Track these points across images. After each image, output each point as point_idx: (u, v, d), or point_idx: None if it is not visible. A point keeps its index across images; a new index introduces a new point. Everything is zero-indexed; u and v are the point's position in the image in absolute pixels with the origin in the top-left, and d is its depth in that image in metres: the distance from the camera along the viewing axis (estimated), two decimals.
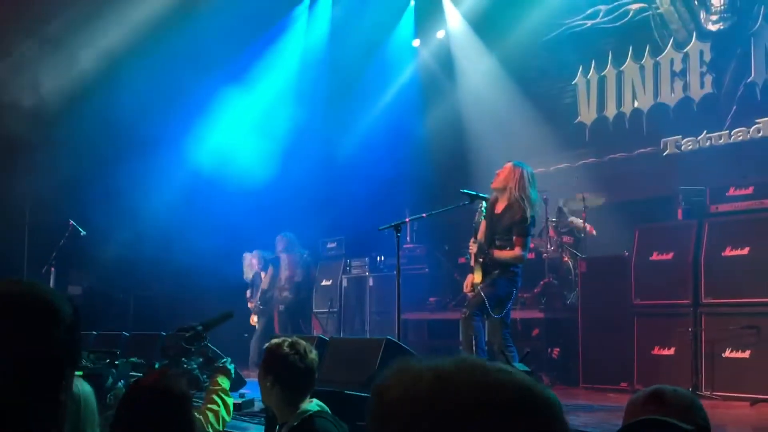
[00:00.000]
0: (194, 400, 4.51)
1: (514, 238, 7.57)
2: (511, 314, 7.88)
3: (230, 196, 12.24)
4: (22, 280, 1.79)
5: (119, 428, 2.72)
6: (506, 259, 7.58)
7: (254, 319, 12.36)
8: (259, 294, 12.30)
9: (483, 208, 7.83)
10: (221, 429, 4.24)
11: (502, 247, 7.63)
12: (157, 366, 4.64)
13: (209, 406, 4.29)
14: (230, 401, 4.39)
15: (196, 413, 4.16)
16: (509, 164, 7.85)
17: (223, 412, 4.28)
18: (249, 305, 12.44)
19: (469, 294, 7.79)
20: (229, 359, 4.60)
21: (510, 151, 12.25)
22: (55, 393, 1.70)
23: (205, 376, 4.54)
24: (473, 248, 7.78)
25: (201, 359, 4.58)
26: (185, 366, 4.43)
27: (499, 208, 7.77)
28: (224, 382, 4.44)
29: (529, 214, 7.57)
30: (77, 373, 1.93)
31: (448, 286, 11.66)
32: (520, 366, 4.49)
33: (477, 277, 7.69)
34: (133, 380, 4.01)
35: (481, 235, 7.84)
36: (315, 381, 3.95)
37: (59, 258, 10.85)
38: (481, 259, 7.70)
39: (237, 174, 12.23)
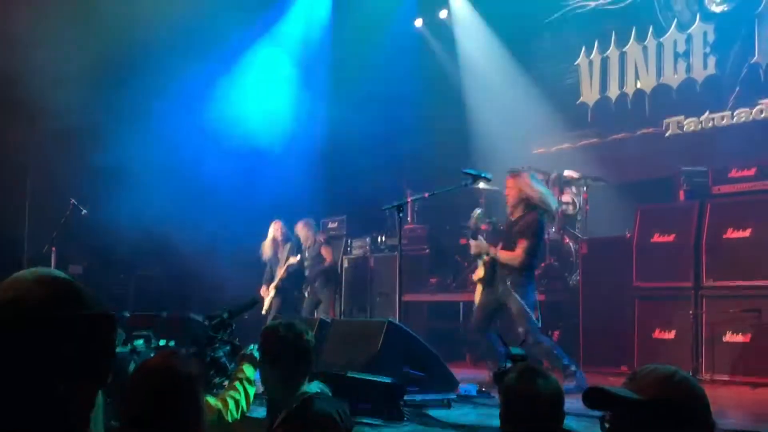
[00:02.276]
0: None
1: (518, 240, 7.54)
2: None
3: (231, 178, 12.20)
4: (53, 272, 1.70)
5: (126, 410, 2.71)
6: (505, 259, 7.55)
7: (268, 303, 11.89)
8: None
9: (479, 215, 7.88)
10: (239, 417, 4.22)
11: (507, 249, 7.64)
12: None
13: (230, 393, 4.27)
14: (252, 390, 4.38)
15: (217, 399, 4.16)
16: (510, 178, 7.88)
17: (242, 401, 4.27)
18: (265, 290, 11.96)
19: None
20: (256, 346, 4.58)
21: (512, 132, 12.26)
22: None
23: (233, 365, 4.53)
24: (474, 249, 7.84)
25: (228, 347, 4.57)
26: (212, 354, 4.42)
27: (515, 215, 7.75)
28: (249, 370, 4.42)
29: (540, 217, 7.61)
30: None
31: (449, 267, 11.64)
32: (516, 350, 4.46)
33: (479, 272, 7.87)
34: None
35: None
36: (313, 362, 3.95)
37: (60, 237, 10.84)
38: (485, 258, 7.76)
39: (238, 155, 12.20)
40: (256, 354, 4.53)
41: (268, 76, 13.33)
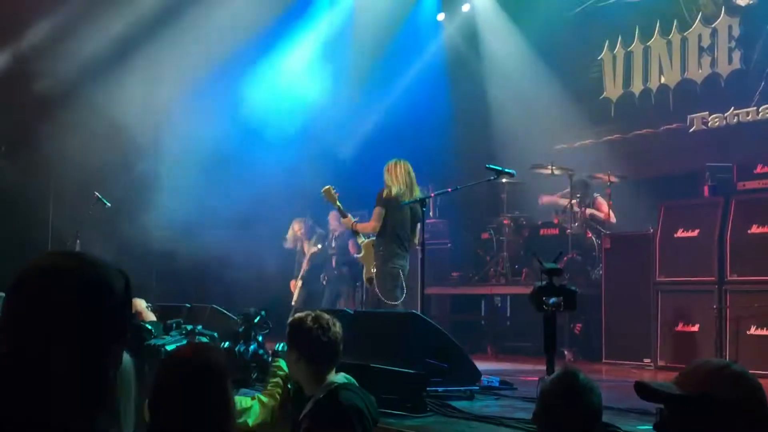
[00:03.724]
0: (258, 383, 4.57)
1: None
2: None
3: (252, 173, 12.22)
4: (75, 252, 1.80)
5: (155, 400, 2.74)
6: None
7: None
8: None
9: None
10: (269, 421, 4.26)
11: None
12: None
13: (277, 390, 4.32)
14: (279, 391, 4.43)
15: (267, 397, 4.20)
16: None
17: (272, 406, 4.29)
18: (294, 283, 12.16)
19: None
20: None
21: (534, 127, 12.24)
22: (104, 369, 1.71)
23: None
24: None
25: (254, 344, 4.61)
26: (252, 350, 4.46)
27: None
28: (284, 365, 4.48)
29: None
30: None
31: (470, 261, 11.66)
32: (550, 264, 4.57)
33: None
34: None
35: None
36: (340, 354, 3.98)
37: (84, 230, 10.91)
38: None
39: (258, 149, 12.21)
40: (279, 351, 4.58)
41: (292, 68, 13.31)
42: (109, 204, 10.83)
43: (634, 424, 4.51)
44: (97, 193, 10.85)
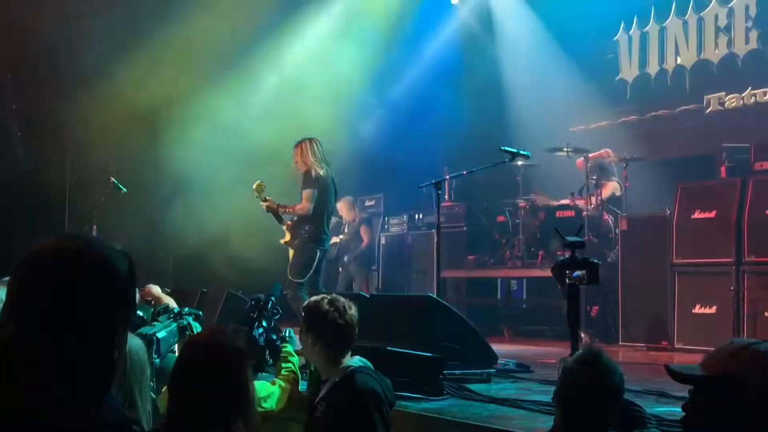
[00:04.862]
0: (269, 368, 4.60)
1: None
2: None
3: (273, 153, 12.20)
4: (79, 234, 1.82)
5: (174, 384, 2.75)
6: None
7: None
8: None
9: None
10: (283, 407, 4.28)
11: None
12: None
13: (292, 376, 4.34)
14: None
15: (280, 382, 4.23)
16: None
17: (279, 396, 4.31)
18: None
19: None
20: (291, 330, 4.66)
21: (550, 109, 12.18)
22: (108, 350, 1.73)
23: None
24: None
25: (261, 329, 4.63)
26: (264, 335, 4.48)
27: None
28: (292, 349, 4.51)
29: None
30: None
31: (486, 244, 11.64)
32: (572, 238, 4.57)
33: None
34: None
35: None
36: (355, 337, 3.98)
37: (100, 216, 10.96)
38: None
39: (274, 133, 12.18)
40: (293, 336, 4.60)
41: (310, 54, 13.26)
42: (125, 189, 10.88)
43: (652, 405, 4.49)
44: (113, 178, 10.90)
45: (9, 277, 1.78)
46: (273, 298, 4.71)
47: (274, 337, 4.51)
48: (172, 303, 3.97)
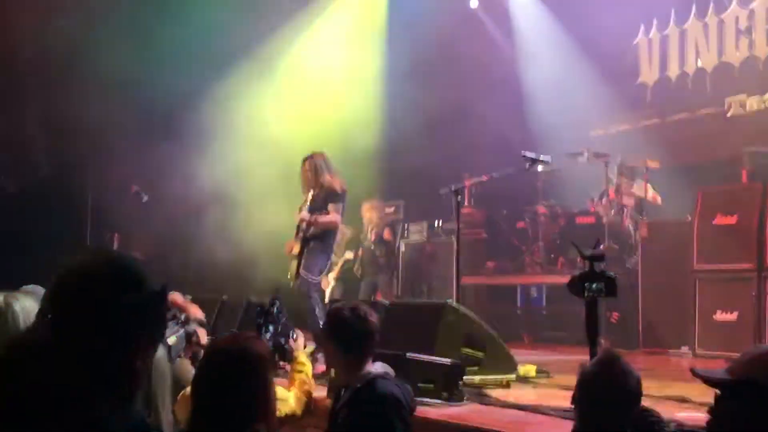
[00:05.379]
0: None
1: None
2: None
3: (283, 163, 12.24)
4: (111, 253, 1.96)
5: (197, 389, 2.77)
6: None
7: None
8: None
9: None
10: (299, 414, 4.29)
11: None
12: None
13: (300, 394, 4.35)
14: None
15: (298, 390, 4.24)
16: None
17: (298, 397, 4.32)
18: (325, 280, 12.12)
19: None
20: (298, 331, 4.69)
21: (569, 113, 12.15)
22: (135, 361, 1.85)
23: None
24: None
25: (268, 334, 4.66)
26: (272, 339, 4.50)
27: None
28: (304, 357, 4.52)
29: None
30: None
31: (506, 251, 11.62)
32: (590, 252, 4.59)
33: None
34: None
35: None
36: (377, 344, 3.99)
37: (122, 224, 11.02)
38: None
39: (293, 137, 12.20)
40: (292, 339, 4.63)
41: (323, 56, 13.30)
42: (146, 197, 10.92)
43: (673, 412, 4.47)
44: (135, 186, 10.95)
45: (33, 286, 1.93)
46: (277, 303, 4.75)
47: (282, 341, 4.54)
48: (198, 312, 4.00)
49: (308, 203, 8.39)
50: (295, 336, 4.63)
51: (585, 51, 12.50)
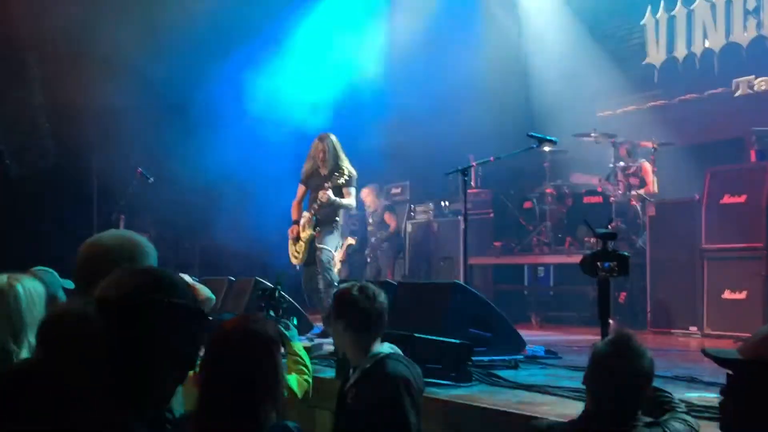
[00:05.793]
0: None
1: None
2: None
3: (292, 145, 12.23)
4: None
5: (204, 371, 2.76)
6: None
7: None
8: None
9: None
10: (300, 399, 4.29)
11: None
12: None
13: (300, 368, 4.35)
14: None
15: (293, 374, 4.24)
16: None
17: (299, 382, 4.32)
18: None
19: None
20: (295, 318, 4.70)
21: (576, 94, 12.10)
22: (166, 380, 2.02)
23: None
24: None
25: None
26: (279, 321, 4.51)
27: None
28: (299, 347, 4.53)
29: None
30: None
31: (513, 231, 11.61)
32: (602, 230, 4.60)
33: None
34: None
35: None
36: (385, 324, 3.99)
37: (127, 206, 11.02)
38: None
39: (298, 119, 12.19)
40: (295, 322, 4.64)
41: (330, 41, 13.27)
42: (152, 179, 10.92)
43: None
44: (140, 169, 10.96)
45: (42, 268, 2.03)
46: (278, 287, 4.76)
47: (282, 327, 4.55)
48: (207, 292, 3.98)
49: (330, 185, 8.36)
50: (295, 323, 4.63)
51: (592, 32, 12.44)
